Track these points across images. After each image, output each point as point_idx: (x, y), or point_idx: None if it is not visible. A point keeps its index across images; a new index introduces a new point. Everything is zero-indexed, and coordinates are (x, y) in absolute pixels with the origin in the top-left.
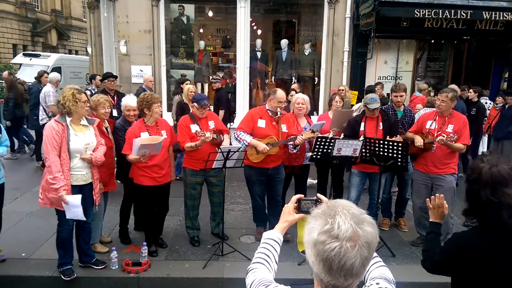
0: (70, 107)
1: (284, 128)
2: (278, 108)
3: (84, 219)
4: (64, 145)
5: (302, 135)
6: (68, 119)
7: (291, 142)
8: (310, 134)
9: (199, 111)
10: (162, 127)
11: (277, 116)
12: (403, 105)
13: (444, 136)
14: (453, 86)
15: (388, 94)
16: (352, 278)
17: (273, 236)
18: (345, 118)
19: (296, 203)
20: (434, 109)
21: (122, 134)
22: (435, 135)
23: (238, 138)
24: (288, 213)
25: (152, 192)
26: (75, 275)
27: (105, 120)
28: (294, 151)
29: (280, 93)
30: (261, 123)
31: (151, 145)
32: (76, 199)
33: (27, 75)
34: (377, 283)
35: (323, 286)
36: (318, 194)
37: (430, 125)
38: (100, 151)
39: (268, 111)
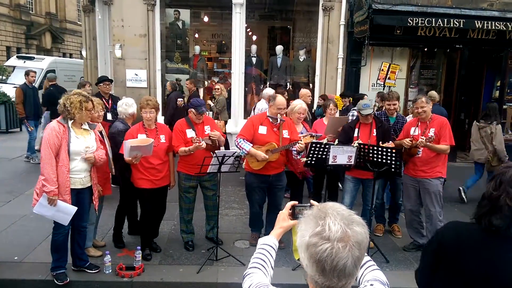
0: (75, 113)
1: (285, 134)
2: (278, 115)
3: (66, 224)
4: (64, 146)
5: (301, 140)
6: (70, 122)
7: (295, 148)
8: (309, 138)
9: (196, 117)
10: (162, 132)
11: (277, 123)
12: (396, 112)
13: (423, 138)
14: (432, 92)
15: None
16: (346, 278)
17: (269, 242)
18: (340, 125)
19: (290, 209)
20: None
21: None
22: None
23: (238, 146)
24: (283, 220)
25: (150, 194)
26: (68, 280)
27: (99, 124)
28: (298, 157)
29: (280, 99)
30: (262, 130)
31: (142, 147)
32: (71, 209)
33: (20, 78)
34: (372, 284)
35: None
36: (312, 201)
37: (414, 131)
38: (100, 152)
39: (268, 118)
